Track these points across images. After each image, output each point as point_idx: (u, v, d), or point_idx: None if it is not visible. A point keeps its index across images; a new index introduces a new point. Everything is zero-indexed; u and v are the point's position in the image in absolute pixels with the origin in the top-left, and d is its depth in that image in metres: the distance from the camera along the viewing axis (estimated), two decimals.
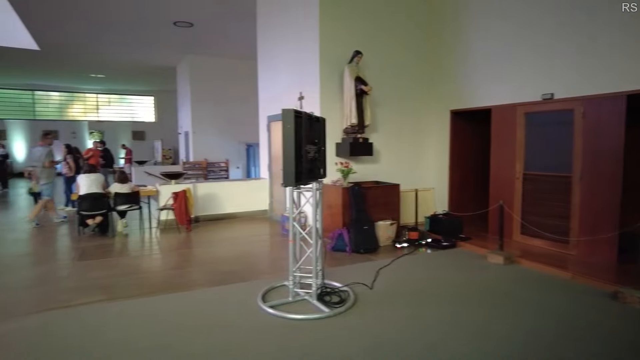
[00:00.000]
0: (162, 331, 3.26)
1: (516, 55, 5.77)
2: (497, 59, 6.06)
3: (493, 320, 3.43)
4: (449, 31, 6.88)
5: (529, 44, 5.59)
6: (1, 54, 12.43)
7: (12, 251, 5.94)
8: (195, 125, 12.60)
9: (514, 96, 5.83)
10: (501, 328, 3.28)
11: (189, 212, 6.91)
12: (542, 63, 5.43)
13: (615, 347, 2.97)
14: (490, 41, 6.16)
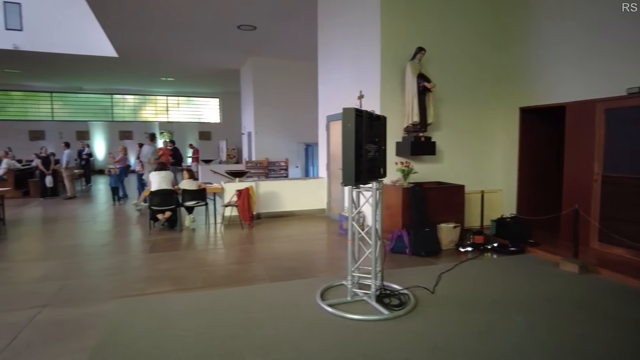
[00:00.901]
0: (227, 323, 3.38)
1: (596, 45, 5.30)
2: (573, 50, 5.61)
3: (565, 333, 3.18)
4: (518, 21, 6.49)
5: (613, 31, 5.10)
6: (85, 61, 13.62)
7: (94, 241, 6.49)
8: (258, 126, 12.98)
9: (592, 91, 5.36)
10: (573, 342, 3.03)
11: (251, 209, 7.14)
12: (628, 53, 4.93)
13: None
14: (565, 29, 5.71)
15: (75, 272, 4.86)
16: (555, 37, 5.89)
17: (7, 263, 5.33)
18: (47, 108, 19.66)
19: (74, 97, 20.05)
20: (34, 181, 11.59)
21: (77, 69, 15.23)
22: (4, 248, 6.07)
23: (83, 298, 4.00)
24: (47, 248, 6.12)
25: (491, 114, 6.90)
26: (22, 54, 12.83)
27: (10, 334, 3.20)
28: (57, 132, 19.17)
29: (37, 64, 14.15)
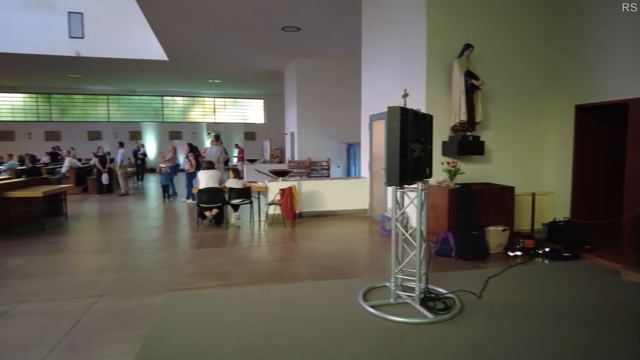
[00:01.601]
0: (271, 319, 3.44)
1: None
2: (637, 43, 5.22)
3: (627, 348, 2.97)
4: (574, 13, 6.13)
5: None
6: (139, 65, 14.34)
7: (146, 236, 6.82)
8: (300, 126, 13.12)
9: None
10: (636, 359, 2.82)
11: (294, 207, 7.22)
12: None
13: None
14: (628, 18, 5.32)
15: (128, 265, 5.12)
16: (615, 30, 5.51)
17: (68, 254, 5.72)
18: (103, 110, 20.89)
19: (128, 99, 21.16)
20: (92, 178, 12.35)
21: (131, 73, 16.06)
22: (66, 240, 6.51)
23: (136, 290, 4.21)
24: (103, 241, 6.50)
25: (543, 112, 6.57)
26: (84, 60, 13.72)
27: (71, 320, 3.43)
28: (112, 132, 20.33)
29: (96, 69, 15.08)
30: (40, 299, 3.94)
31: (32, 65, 14.57)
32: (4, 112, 19.82)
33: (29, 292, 4.13)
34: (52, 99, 20.26)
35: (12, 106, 19.93)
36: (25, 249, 5.85)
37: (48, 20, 13.11)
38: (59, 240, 6.50)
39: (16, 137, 19.46)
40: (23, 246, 6.03)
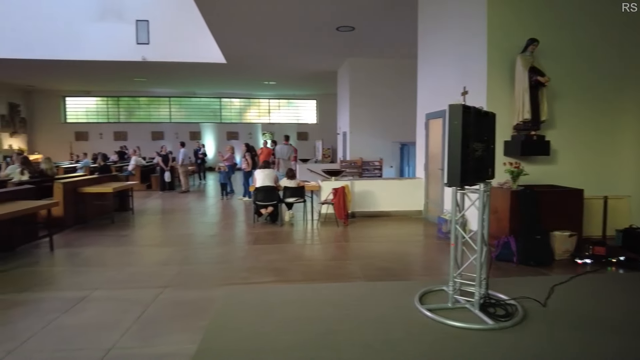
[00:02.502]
0: (325, 317, 3.46)
1: None
2: None
3: None
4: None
5: None
6: (199, 68, 15.01)
7: (205, 232, 7.12)
8: (353, 126, 13.09)
9: None
10: None
11: (346, 207, 7.22)
12: None
13: None
14: None
15: (189, 259, 5.38)
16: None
17: (135, 247, 6.11)
18: (166, 111, 22.09)
19: (189, 101, 22.22)
20: (155, 176, 13.10)
21: (192, 76, 16.84)
22: (132, 234, 6.96)
23: (197, 282, 4.41)
24: (166, 236, 6.88)
25: (617, 109, 6.07)
26: (149, 65, 14.60)
27: (140, 308, 3.66)
28: (174, 132, 21.43)
29: (159, 72, 15.99)
30: (112, 287, 4.24)
31: (103, 71, 15.73)
32: (80, 114, 21.55)
33: (102, 280, 4.46)
34: (120, 102, 21.74)
35: (87, 109, 21.62)
36: (98, 240, 6.33)
37: (118, 29, 14.08)
38: (127, 233, 6.96)
39: (89, 137, 21.09)
40: (96, 237, 6.52)
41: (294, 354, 2.88)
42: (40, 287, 4.31)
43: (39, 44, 13.61)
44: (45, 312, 3.59)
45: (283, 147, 11.55)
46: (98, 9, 14.16)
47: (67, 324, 3.38)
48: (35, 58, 13.79)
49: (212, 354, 2.89)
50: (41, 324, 3.34)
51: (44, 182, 7.44)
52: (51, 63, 14.27)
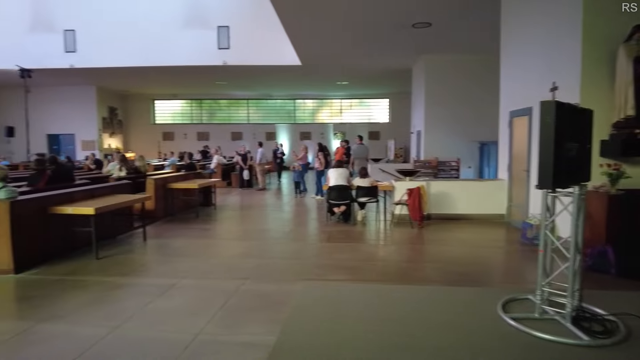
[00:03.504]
0: (400, 318, 3.41)
1: None
2: None
3: None
4: None
5: None
6: (275, 71, 15.55)
7: (280, 228, 7.37)
8: (428, 125, 12.71)
9: None
10: None
11: (422, 208, 7.03)
12: None
13: None
14: None
15: (267, 253, 5.60)
16: None
17: (217, 240, 6.50)
18: (244, 113, 23.17)
19: (265, 103, 23.11)
20: (235, 174, 13.81)
21: (268, 78, 17.49)
22: (215, 228, 7.41)
23: (274, 276, 4.58)
24: (245, 230, 7.23)
25: None
26: (229, 69, 15.43)
27: (223, 298, 3.88)
28: (251, 133, 22.41)
29: (239, 75, 16.82)
30: (198, 277, 4.54)
31: (188, 75, 16.90)
32: (167, 116, 23.39)
33: (189, 269, 4.80)
34: (202, 104, 23.22)
35: (173, 111, 23.40)
36: (184, 233, 6.82)
37: (201, 35, 15.07)
38: (210, 227, 7.42)
39: (175, 137, 22.80)
40: (183, 230, 7.04)
41: (371, 353, 2.87)
42: (137, 273, 4.76)
43: (135, 53, 15.01)
44: (142, 296, 3.95)
45: (360, 146, 11.72)
46: (185, 18, 15.26)
47: (160, 307, 3.69)
48: (132, 65, 15.23)
49: (291, 346, 2.98)
50: (138, 306, 3.69)
51: (138, 178, 8.20)
52: (144, 69, 15.66)
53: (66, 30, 15.35)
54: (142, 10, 15.16)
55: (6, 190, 4.75)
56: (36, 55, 15.10)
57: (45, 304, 3.78)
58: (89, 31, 15.27)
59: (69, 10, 15.35)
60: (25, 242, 4.76)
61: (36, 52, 15.18)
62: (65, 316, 3.51)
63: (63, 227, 5.24)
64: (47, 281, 4.40)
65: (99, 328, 3.25)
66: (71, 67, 15.38)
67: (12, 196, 4.75)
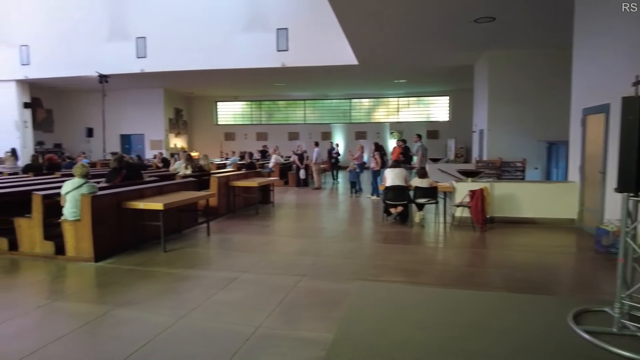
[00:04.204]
0: (462, 323, 3.30)
1: None
2: None
3: None
4: None
5: None
6: (331, 71, 15.64)
7: (335, 227, 7.41)
8: (491, 123, 12.15)
9: None
10: None
11: (485, 211, 6.74)
12: None
13: None
14: None
15: (322, 251, 5.65)
16: None
17: (276, 237, 6.67)
18: (300, 113, 23.54)
19: (321, 103, 23.31)
20: (291, 173, 14.07)
21: (325, 78, 17.62)
22: (273, 225, 7.61)
23: (330, 274, 4.61)
24: (301, 228, 7.35)
25: None
26: (287, 70, 15.75)
27: (282, 294, 3.98)
28: (307, 133, 22.71)
29: (296, 77, 17.11)
30: (258, 272, 4.69)
31: (248, 78, 17.47)
32: (228, 117, 24.34)
33: (250, 264, 4.96)
34: (262, 105, 23.89)
35: (234, 112, 24.30)
36: (245, 229, 7.07)
37: (261, 38, 15.52)
38: (269, 224, 7.63)
39: (236, 137, 23.67)
40: (243, 226, 7.29)
41: (428, 357, 2.81)
42: (201, 266, 5.01)
43: (199, 56, 15.79)
44: (205, 288, 4.16)
45: (415, 145, 11.64)
46: (245, 22, 15.80)
47: (222, 300, 3.86)
48: (197, 69, 16.03)
49: (348, 344, 2.99)
50: (203, 298, 3.88)
51: (202, 176, 8.61)
52: (208, 72, 16.41)
53: (138, 38, 16.50)
54: (206, 16, 15.92)
55: (88, 186, 5.21)
56: (112, 62, 16.39)
57: (121, 291, 4.10)
58: (158, 37, 16.31)
59: (140, 20, 16.49)
60: (104, 233, 5.18)
61: (112, 58, 16.48)
62: (138, 303, 3.79)
63: (135, 221, 5.64)
64: (122, 270, 4.76)
65: (168, 316, 3.46)
66: (142, 72, 16.51)
67: (93, 191, 5.20)
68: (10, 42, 17.74)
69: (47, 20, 17.17)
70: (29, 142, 18.92)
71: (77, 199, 5.07)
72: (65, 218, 5.14)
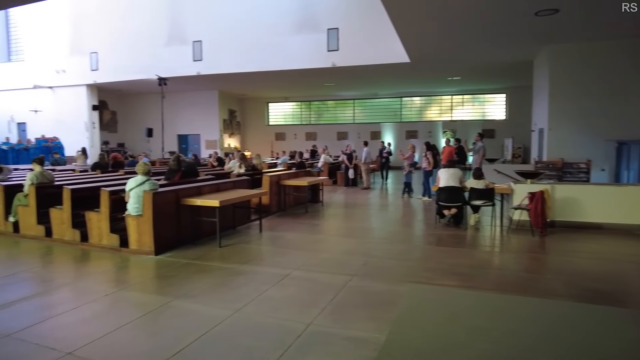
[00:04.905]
0: (523, 332, 3.14)
1: None
2: None
3: None
4: None
5: None
6: (382, 69, 15.46)
7: (385, 227, 7.32)
8: (552, 121, 11.45)
9: None
10: None
11: (545, 214, 6.36)
12: None
13: None
14: None
15: (373, 252, 5.60)
16: None
17: (325, 236, 6.70)
18: (350, 113, 23.49)
19: (370, 102, 23.13)
20: (340, 172, 14.07)
21: (375, 77, 17.46)
22: (323, 224, 7.64)
23: (381, 275, 4.56)
24: (351, 228, 7.32)
25: None
26: (337, 70, 15.78)
27: (333, 292, 3.99)
28: (356, 132, 22.62)
29: (346, 76, 17.09)
30: (308, 270, 4.74)
31: (299, 78, 17.69)
32: (279, 117, 24.80)
33: (300, 262, 5.02)
34: (311, 106, 24.11)
35: (284, 113, 24.72)
36: (295, 227, 7.17)
37: (312, 39, 15.67)
38: (318, 222, 7.68)
39: (286, 137, 24.06)
40: (293, 224, 7.39)
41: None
42: (254, 262, 5.14)
43: (252, 59, 16.24)
44: (258, 283, 4.26)
45: (477, 143, 11.33)
46: (296, 23, 16.03)
47: (274, 296, 3.94)
48: (250, 71, 16.48)
49: (400, 346, 2.94)
50: (256, 293, 3.98)
51: (255, 175, 8.83)
52: (261, 74, 16.82)
53: (194, 41, 17.24)
54: (259, 19, 16.35)
55: (150, 183, 5.51)
56: (171, 65, 17.27)
57: (179, 283, 4.30)
58: (213, 41, 16.96)
59: (197, 24, 17.23)
60: (163, 228, 5.46)
61: (171, 62, 17.36)
62: (195, 296, 3.95)
63: (192, 217, 5.89)
64: (180, 264, 4.99)
65: (223, 309, 3.59)
66: (198, 74, 17.23)
67: (154, 188, 5.49)
68: (82, 50, 19.22)
69: (114, 29, 18.43)
70: (96, 142, 20.36)
71: (139, 195, 5.38)
72: (129, 213, 5.47)
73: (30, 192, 6.25)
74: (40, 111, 20.74)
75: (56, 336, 3.16)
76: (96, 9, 18.79)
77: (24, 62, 20.97)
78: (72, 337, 3.13)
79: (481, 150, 11.17)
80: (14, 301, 3.86)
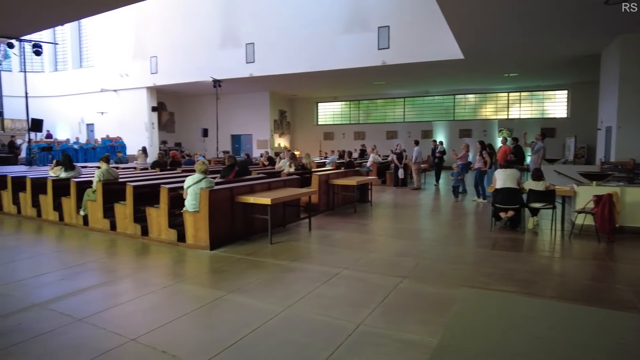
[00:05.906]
0: (590, 344, 2.93)
1: None
2: None
3: None
4: None
5: None
6: (434, 66, 15.06)
7: (437, 229, 7.14)
8: (622, 119, 10.61)
9: None
10: None
11: (613, 219, 5.91)
12: None
13: None
14: None
15: (425, 254, 5.47)
16: None
17: (375, 236, 6.64)
18: (400, 111, 23.10)
19: (421, 101, 22.60)
20: (389, 172, 13.88)
21: (427, 74, 17.07)
22: (372, 224, 7.58)
23: (434, 278, 4.45)
24: (401, 229, 7.20)
25: None
26: (388, 68, 15.59)
27: (383, 293, 3.95)
28: (406, 131, 22.22)
29: (397, 74, 16.83)
30: (358, 269, 4.72)
31: (349, 77, 17.65)
32: (327, 117, 24.90)
33: (350, 261, 5.01)
34: (360, 105, 23.99)
35: (333, 113, 24.78)
36: (344, 226, 7.16)
37: (362, 38, 15.59)
38: (367, 222, 7.63)
39: (334, 137, 24.12)
40: (342, 224, 7.40)
41: None
42: (305, 259, 5.21)
43: (303, 60, 16.43)
44: (309, 280, 4.30)
45: (537, 143, 10.88)
46: (346, 23, 16.01)
47: (325, 294, 3.96)
48: (301, 71, 16.69)
49: (453, 351, 2.86)
50: (307, 290, 4.02)
51: (304, 174, 8.93)
52: (311, 74, 16.98)
53: (247, 44, 17.73)
54: (309, 20, 16.51)
55: (207, 181, 5.73)
56: (225, 67, 17.89)
57: (233, 278, 4.45)
58: (265, 43, 17.35)
59: (249, 27, 17.70)
60: (218, 224, 5.67)
61: (225, 64, 17.98)
62: (248, 290, 4.07)
63: (245, 214, 6.06)
64: (233, 259, 5.16)
65: (275, 305, 3.67)
66: (250, 76, 17.71)
67: (210, 186, 5.71)
68: (143, 55, 20.41)
69: (172, 34, 19.39)
70: (155, 141, 21.53)
71: (196, 192, 5.62)
72: (186, 209, 5.72)
73: (97, 188, 6.72)
74: (105, 113, 22.29)
75: (121, 323, 3.38)
76: (157, 15, 19.85)
77: (93, 68, 22.61)
78: (135, 325, 3.33)
79: (541, 151, 10.61)
80: (85, 288, 4.17)
